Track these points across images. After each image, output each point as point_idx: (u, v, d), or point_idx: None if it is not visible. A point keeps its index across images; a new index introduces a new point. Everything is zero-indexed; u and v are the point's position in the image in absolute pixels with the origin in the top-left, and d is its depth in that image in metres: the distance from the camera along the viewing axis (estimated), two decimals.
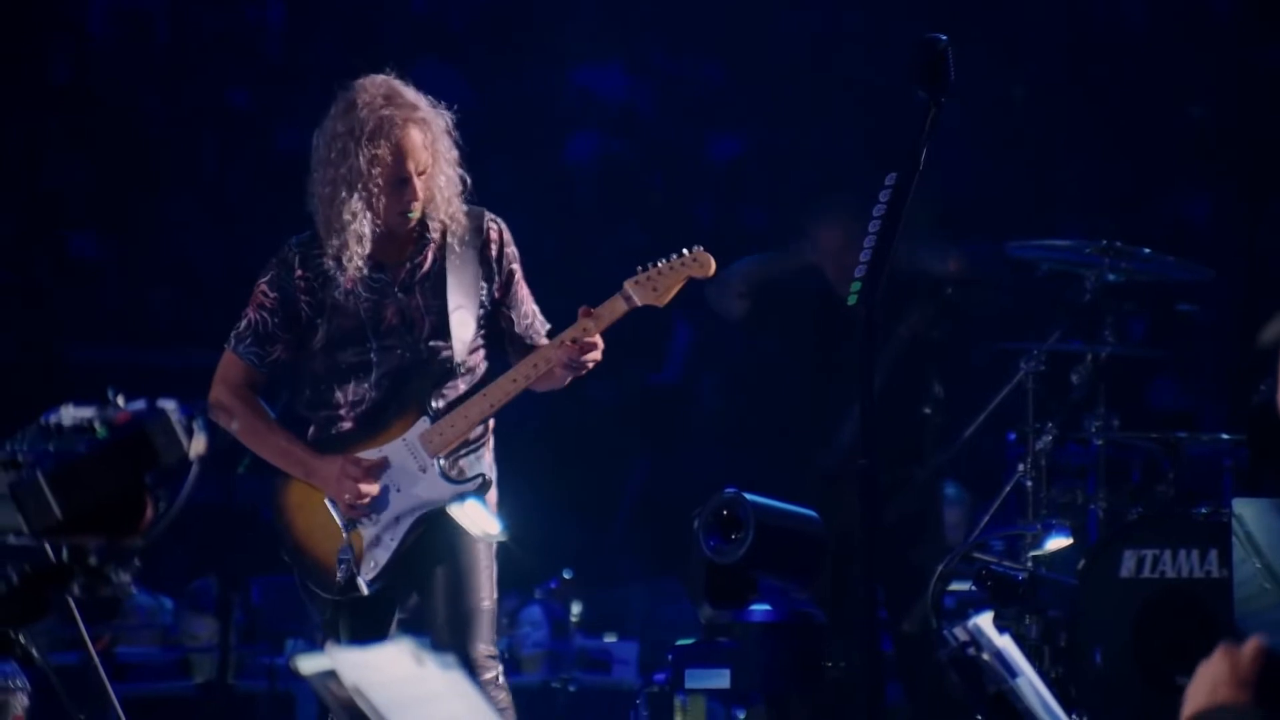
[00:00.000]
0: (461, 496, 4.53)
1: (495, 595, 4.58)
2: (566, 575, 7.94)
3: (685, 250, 4.61)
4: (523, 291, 4.70)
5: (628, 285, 4.58)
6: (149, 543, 2.50)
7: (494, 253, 4.64)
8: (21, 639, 2.44)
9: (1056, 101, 8.53)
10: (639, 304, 4.57)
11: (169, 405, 2.52)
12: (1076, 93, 8.56)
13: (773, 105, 8.96)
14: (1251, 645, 2.08)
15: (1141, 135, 8.42)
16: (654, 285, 4.57)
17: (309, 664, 2.35)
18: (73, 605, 3.66)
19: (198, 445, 2.50)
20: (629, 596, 8.38)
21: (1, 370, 8.30)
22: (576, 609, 7.88)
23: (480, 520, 4.51)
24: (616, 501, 8.87)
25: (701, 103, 9.20)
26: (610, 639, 7.85)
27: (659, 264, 4.60)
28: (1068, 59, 8.69)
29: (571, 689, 7.60)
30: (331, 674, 2.33)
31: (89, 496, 2.39)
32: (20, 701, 3.50)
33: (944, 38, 4.38)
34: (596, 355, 4.59)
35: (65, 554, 2.43)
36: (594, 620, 8.01)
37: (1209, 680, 2.07)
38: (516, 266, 4.68)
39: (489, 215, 4.67)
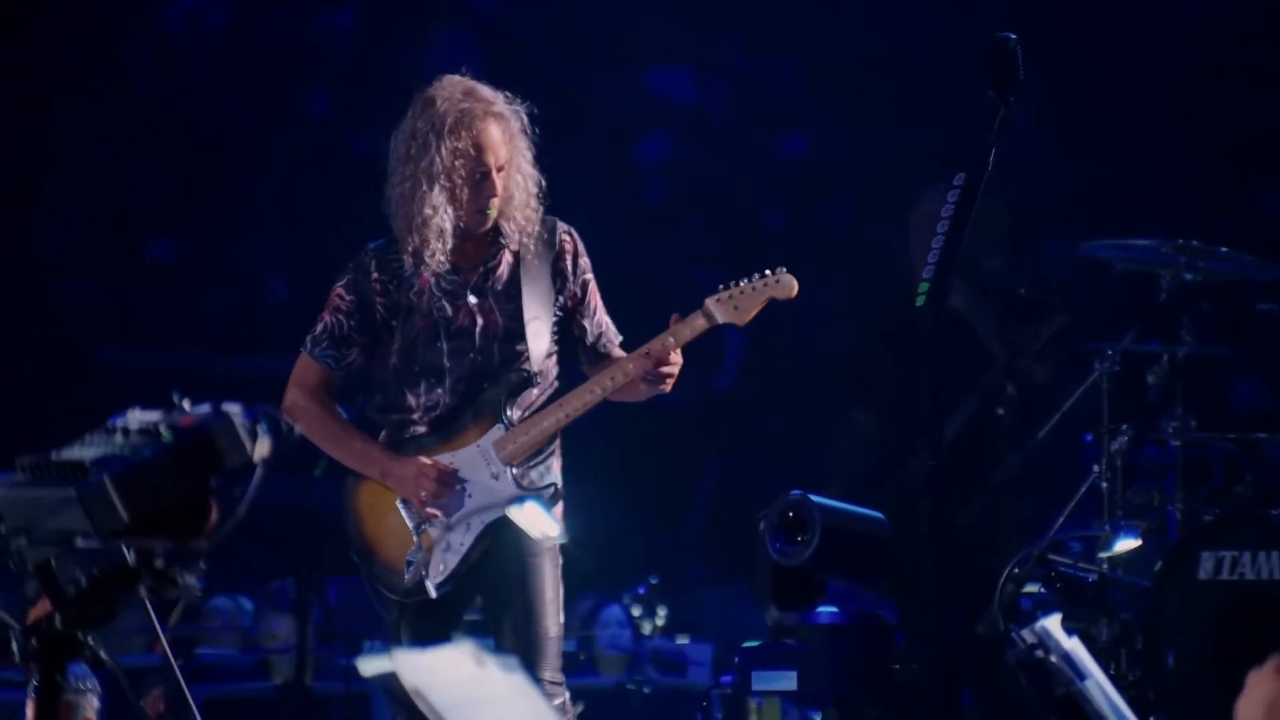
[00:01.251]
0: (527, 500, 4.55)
1: (562, 619, 4.60)
2: (653, 580, 7.96)
3: (769, 271, 4.60)
4: (596, 301, 4.71)
5: (709, 302, 4.57)
6: (214, 545, 2.52)
7: (568, 264, 4.65)
8: (90, 641, 2.47)
9: (1133, 98, 8.44)
10: (720, 322, 4.57)
11: (234, 409, 2.55)
12: (1152, 89, 8.46)
13: (843, 106, 8.92)
14: None
15: (1221, 131, 8.31)
16: (736, 304, 4.56)
17: (370, 665, 2.37)
18: (150, 608, 3.70)
19: (262, 448, 2.52)
20: (704, 599, 8.38)
21: (78, 374, 8.41)
22: (662, 613, 7.89)
23: (539, 522, 4.52)
24: (690, 506, 8.87)
25: (771, 103, 9.17)
26: (683, 640, 7.85)
27: (741, 283, 4.58)
28: (1143, 54, 8.60)
29: (646, 690, 7.61)
30: (392, 675, 2.35)
31: (155, 500, 2.41)
32: (90, 703, 3.55)
33: (1013, 37, 4.35)
34: (675, 371, 4.58)
35: (132, 557, 2.45)
36: (669, 622, 8.01)
37: (1264, 699, 2.00)
38: (590, 277, 4.70)
39: (563, 226, 4.68)
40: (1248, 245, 6.33)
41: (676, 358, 4.57)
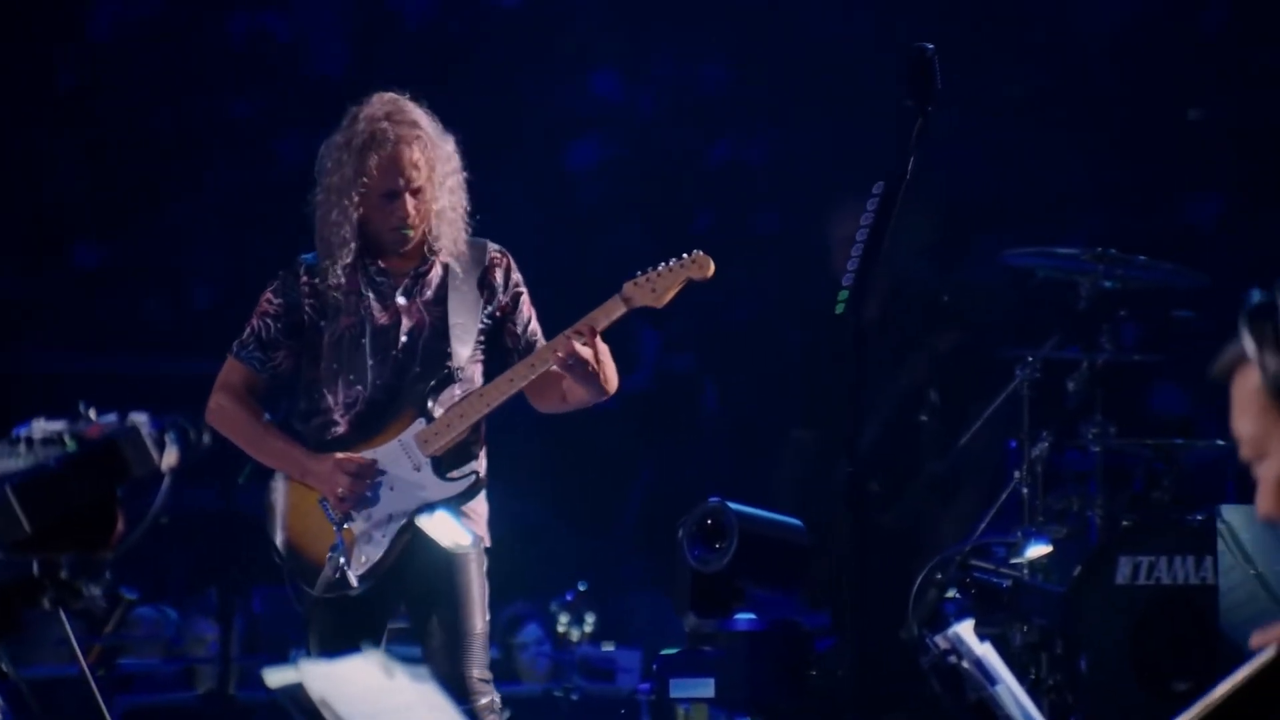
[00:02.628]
0: (462, 496, 4.55)
1: (488, 617, 4.61)
2: (581, 587, 7.95)
3: (685, 254, 4.64)
4: (529, 312, 4.74)
5: (626, 287, 4.62)
6: (118, 556, 2.51)
7: (498, 276, 4.69)
8: None
9: (1057, 105, 8.52)
10: (637, 305, 4.60)
11: (140, 418, 2.53)
12: (1077, 96, 8.54)
13: (775, 109, 8.96)
14: None
15: (1144, 139, 8.40)
16: (653, 287, 4.60)
17: (277, 676, 2.36)
18: (64, 617, 3.66)
19: (169, 458, 2.51)
20: (634, 605, 8.38)
21: (4, 381, 8.33)
22: (591, 620, 7.89)
23: (449, 531, 4.53)
24: (620, 511, 8.88)
25: (703, 107, 9.21)
26: (609, 648, 7.85)
27: (659, 267, 4.63)
28: (1066, 61, 8.68)
29: (574, 697, 7.60)
30: (299, 686, 2.34)
31: (58, 510, 2.40)
32: None
33: (930, 47, 4.40)
34: (598, 355, 4.58)
35: (36, 568, 2.43)
36: (598, 629, 8.01)
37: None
38: (523, 291, 4.74)
39: (494, 245, 4.72)
40: (1171, 252, 6.40)
41: (600, 345, 4.58)
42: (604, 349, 4.58)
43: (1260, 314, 2.07)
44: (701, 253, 4.64)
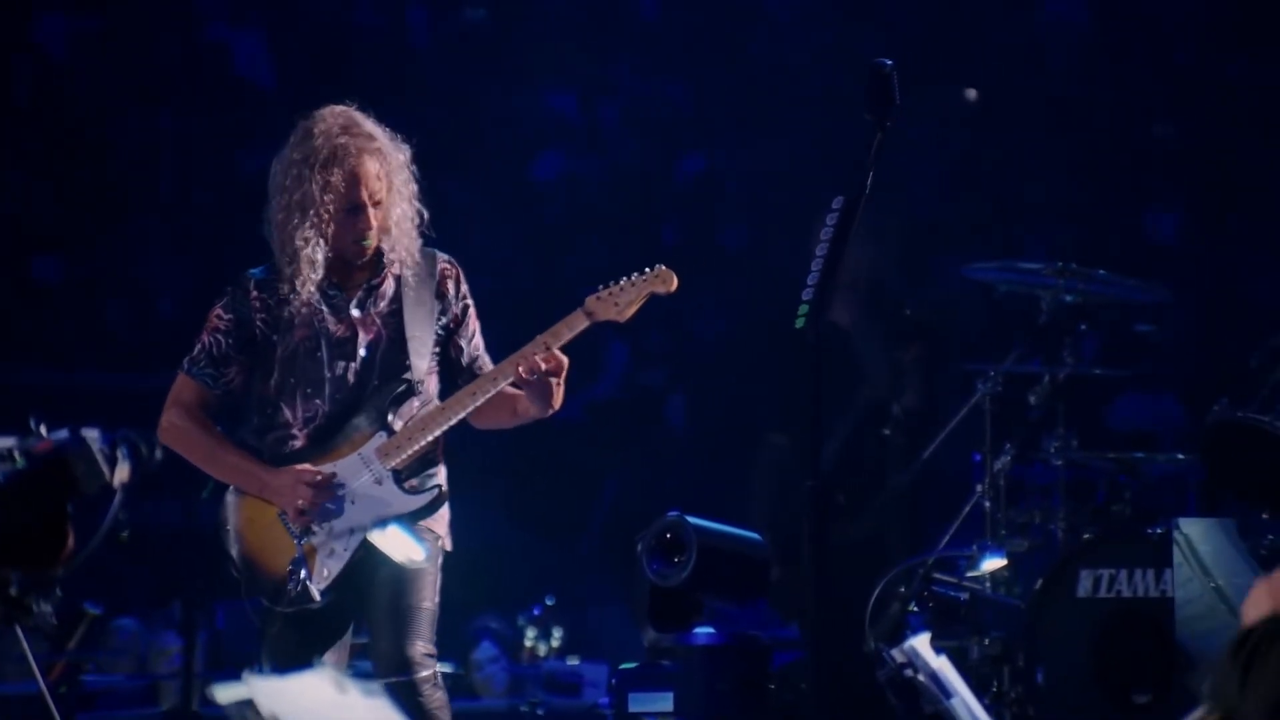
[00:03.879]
0: (425, 510, 4.54)
1: (437, 599, 4.58)
2: (549, 601, 7.93)
3: (648, 268, 4.65)
4: (475, 326, 4.74)
5: (589, 301, 4.62)
6: (72, 571, 2.50)
7: (449, 287, 4.69)
8: None
9: (1019, 118, 8.57)
10: (600, 319, 4.61)
11: (91, 434, 2.52)
12: (1040, 110, 8.59)
13: (737, 125, 8.98)
14: None
15: (1106, 153, 8.45)
16: (615, 300, 4.60)
17: (226, 693, 2.34)
18: (20, 633, 3.64)
19: (121, 473, 2.49)
20: (601, 618, 8.37)
21: None
22: (558, 635, 7.87)
23: (402, 546, 4.51)
24: (585, 524, 8.88)
25: (666, 123, 9.23)
26: (574, 661, 7.84)
27: (621, 280, 4.64)
28: (1028, 75, 8.73)
29: (540, 712, 7.59)
30: (249, 703, 2.33)
31: (7, 526, 2.38)
32: None
33: (889, 63, 4.40)
34: (559, 374, 4.58)
35: None
36: (565, 643, 7.99)
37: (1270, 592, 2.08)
38: (470, 303, 4.74)
39: (443, 256, 4.73)
40: (1132, 266, 6.43)
41: (559, 359, 4.58)
42: (563, 362, 4.59)
43: None
44: (664, 267, 4.65)
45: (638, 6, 9.46)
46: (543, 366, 4.53)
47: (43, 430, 2.52)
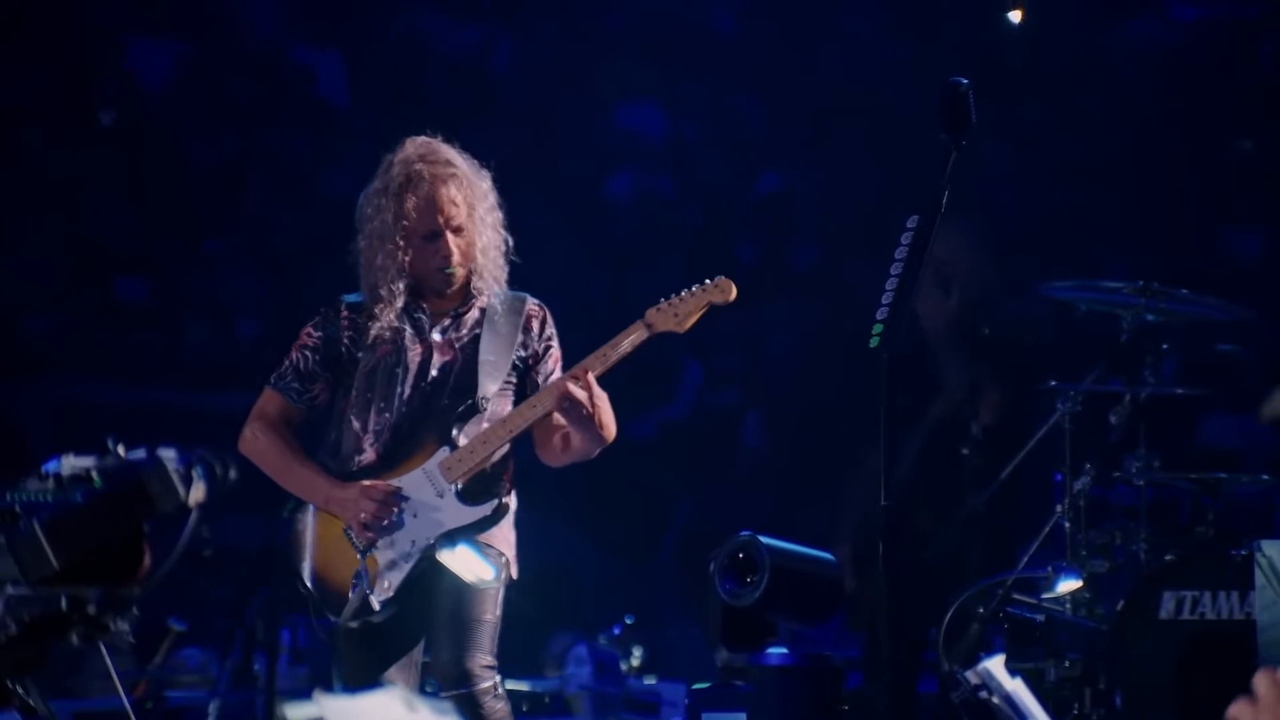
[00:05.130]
0: (484, 522, 4.56)
1: (499, 612, 4.60)
2: (629, 620, 7.94)
3: (708, 279, 4.64)
4: (556, 367, 4.73)
5: (649, 313, 4.63)
6: (147, 591, 2.52)
7: (535, 326, 4.72)
8: (19, 689, 2.46)
9: (1101, 136, 8.49)
10: (660, 330, 4.61)
11: (168, 454, 2.55)
12: (1122, 127, 8.51)
13: (812, 143, 8.97)
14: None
15: (1189, 171, 8.36)
16: (675, 312, 4.61)
17: (297, 712, 2.36)
18: (103, 650, 3.68)
19: (197, 493, 2.52)
20: (681, 638, 8.36)
21: (52, 412, 8.40)
22: (638, 654, 7.87)
23: (472, 565, 4.53)
24: (659, 542, 8.88)
25: (743, 140, 9.22)
26: (650, 681, 7.83)
27: (682, 293, 4.64)
28: (1109, 94, 8.65)
29: None
30: None
31: (85, 546, 2.41)
32: None
33: (965, 81, 4.38)
34: (594, 401, 4.55)
35: (64, 603, 2.45)
36: (645, 662, 7.99)
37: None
38: (554, 346, 4.75)
39: (532, 300, 4.74)
40: (1215, 285, 6.35)
41: (595, 389, 4.54)
42: (600, 394, 4.55)
43: None
44: (724, 277, 4.65)
45: (715, 25, 9.47)
46: (574, 394, 4.51)
47: (120, 450, 2.56)
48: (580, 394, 4.52)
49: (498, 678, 4.59)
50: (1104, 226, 8.40)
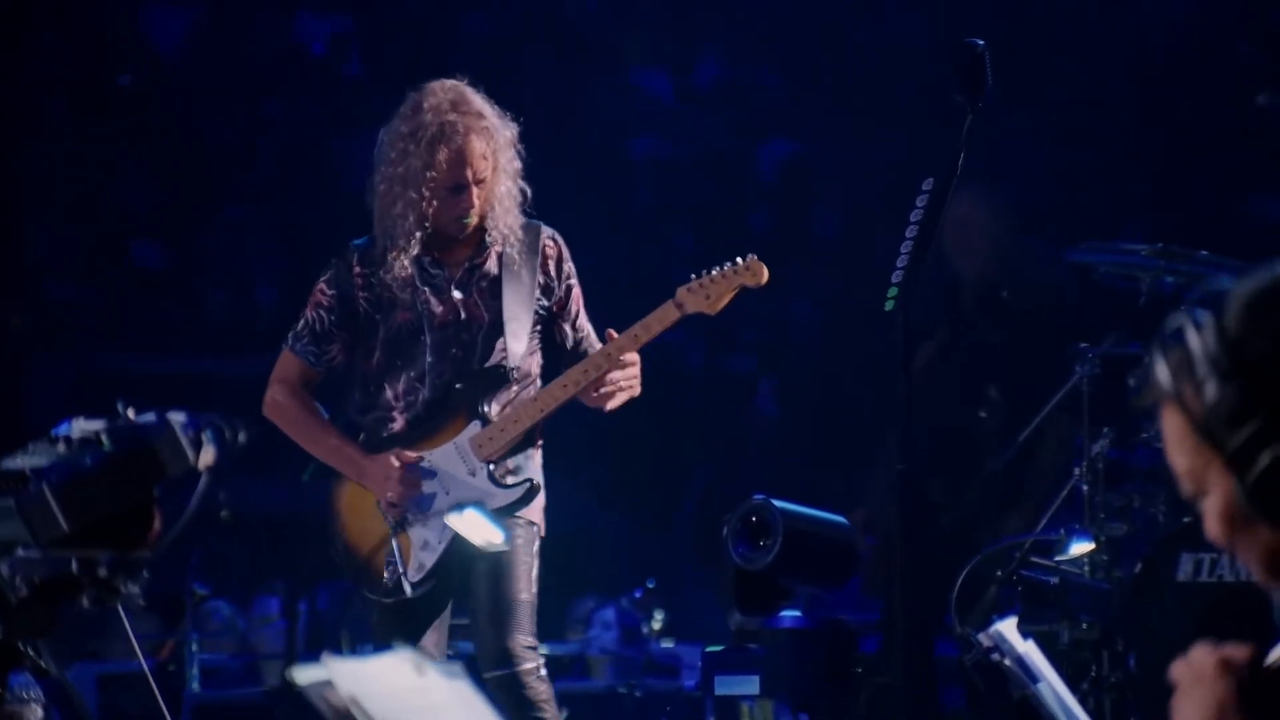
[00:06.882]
0: (517, 504, 4.55)
1: (535, 589, 4.60)
2: (650, 584, 7.95)
3: (739, 259, 4.61)
4: (578, 307, 4.72)
5: (680, 292, 4.59)
6: (157, 554, 2.53)
7: (551, 268, 4.67)
8: (31, 651, 2.47)
9: (1118, 97, 8.43)
10: (690, 311, 4.58)
11: (177, 417, 2.54)
12: (1139, 88, 8.45)
13: (830, 109, 8.92)
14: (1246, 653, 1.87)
15: (1209, 132, 8.30)
16: (706, 293, 4.57)
17: (305, 674, 2.37)
18: (122, 613, 3.70)
19: (206, 457, 2.52)
20: (700, 601, 8.37)
21: (71, 379, 8.44)
22: (659, 617, 7.88)
23: (481, 529, 4.53)
24: (678, 507, 8.89)
25: (757, 108, 9.18)
26: (669, 644, 7.85)
27: (712, 272, 4.59)
28: (1130, 57, 8.59)
29: (638, 694, 7.61)
30: (328, 684, 2.35)
31: (95, 509, 2.42)
32: (35, 713, 3.55)
33: (980, 43, 4.36)
34: (634, 373, 4.57)
35: (75, 566, 2.46)
36: (666, 625, 8.01)
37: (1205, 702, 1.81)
38: (574, 283, 4.71)
39: (547, 230, 4.69)
40: (1235, 248, 6.30)
41: (633, 358, 4.57)
42: (636, 376, 4.58)
43: (1173, 346, 1.81)
44: (755, 258, 4.61)
45: None
46: (621, 373, 4.52)
47: (130, 414, 2.56)
48: (633, 374, 4.52)
49: (541, 659, 4.58)
50: (1124, 189, 8.35)
